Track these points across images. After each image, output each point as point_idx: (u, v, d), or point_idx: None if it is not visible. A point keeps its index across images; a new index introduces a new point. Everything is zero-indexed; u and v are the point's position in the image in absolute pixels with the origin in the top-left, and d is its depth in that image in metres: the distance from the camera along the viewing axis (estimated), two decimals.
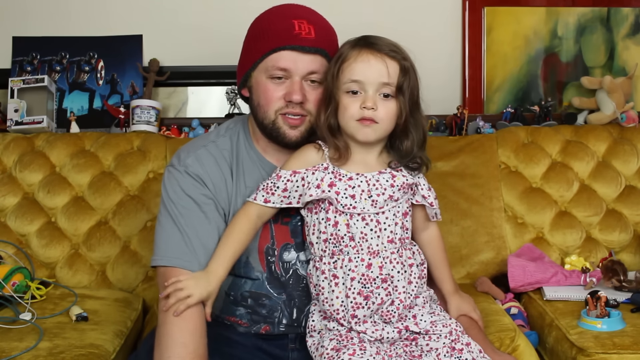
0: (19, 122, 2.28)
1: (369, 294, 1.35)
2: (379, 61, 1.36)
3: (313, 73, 1.43)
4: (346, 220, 1.36)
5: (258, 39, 1.46)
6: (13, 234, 2.11)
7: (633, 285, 1.92)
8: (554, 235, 2.20)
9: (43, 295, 1.92)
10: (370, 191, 1.37)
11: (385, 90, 1.36)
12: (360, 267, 1.36)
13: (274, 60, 1.42)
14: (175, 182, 1.45)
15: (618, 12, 2.54)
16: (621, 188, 2.27)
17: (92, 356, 1.57)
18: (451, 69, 2.55)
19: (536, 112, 2.44)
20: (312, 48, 1.42)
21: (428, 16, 2.53)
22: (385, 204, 1.38)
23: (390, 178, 1.40)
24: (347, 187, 1.37)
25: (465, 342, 1.37)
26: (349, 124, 1.37)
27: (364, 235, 1.37)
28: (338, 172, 1.39)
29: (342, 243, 1.37)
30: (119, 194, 2.16)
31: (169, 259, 1.39)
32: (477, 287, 2.02)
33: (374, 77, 1.35)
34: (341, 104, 1.37)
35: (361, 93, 1.36)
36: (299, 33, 1.42)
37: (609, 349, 1.62)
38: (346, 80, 1.36)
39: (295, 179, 1.39)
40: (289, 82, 1.43)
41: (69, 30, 2.46)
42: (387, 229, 1.38)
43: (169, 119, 2.45)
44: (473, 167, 2.23)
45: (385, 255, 1.37)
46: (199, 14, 2.49)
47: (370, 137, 1.38)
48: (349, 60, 1.37)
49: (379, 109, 1.35)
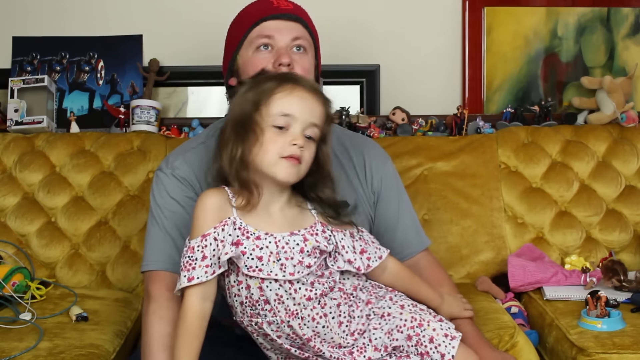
0: (19, 122, 2.28)
1: (302, 345, 1.29)
2: (313, 100, 1.27)
3: (297, 39, 1.49)
4: (257, 283, 1.23)
5: (239, 22, 1.54)
6: (13, 234, 2.11)
7: (633, 285, 1.92)
8: (554, 235, 2.20)
9: (43, 295, 1.92)
10: (279, 254, 1.23)
11: (312, 132, 1.26)
12: (283, 328, 1.26)
13: (258, 32, 1.48)
14: (162, 186, 1.47)
15: (618, 12, 2.54)
16: (621, 188, 2.27)
17: (92, 356, 1.57)
18: (451, 69, 2.55)
19: (536, 112, 2.44)
20: (293, 15, 1.50)
21: (428, 16, 2.53)
22: (295, 270, 1.23)
23: (302, 241, 1.25)
24: (255, 247, 1.23)
25: (428, 340, 1.29)
26: (271, 160, 1.23)
27: (279, 297, 1.24)
28: (246, 229, 1.24)
29: (258, 306, 1.25)
30: (119, 194, 2.16)
31: (155, 263, 1.41)
32: (477, 287, 2.02)
33: (307, 114, 1.25)
34: (265, 137, 1.24)
35: (287, 130, 1.24)
36: (278, 5, 1.51)
37: (609, 349, 1.61)
38: (275, 112, 1.24)
39: (209, 243, 1.22)
40: (275, 50, 1.47)
41: (69, 30, 2.46)
42: (302, 288, 1.25)
43: (169, 119, 2.45)
44: (473, 167, 2.23)
45: (304, 315, 1.26)
46: (199, 14, 2.49)
47: (293, 179, 1.25)
48: (281, 92, 1.25)
49: (306, 150, 1.25)
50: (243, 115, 1.26)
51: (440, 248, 2.12)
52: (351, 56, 2.48)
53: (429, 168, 2.23)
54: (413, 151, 2.24)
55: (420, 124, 2.40)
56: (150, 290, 1.41)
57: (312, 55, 1.55)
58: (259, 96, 1.26)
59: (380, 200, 1.61)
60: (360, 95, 2.52)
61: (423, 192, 2.19)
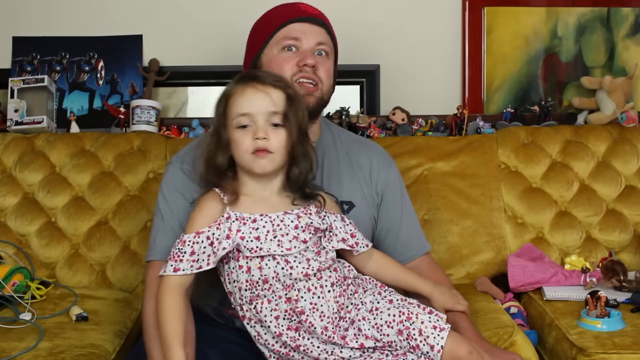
0: (19, 122, 2.28)
1: (298, 325, 1.33)
2: (263, 92, 1.35)
3: (321, 44, 1.55)
4: (258, 263, 1.32)
5: (265, 22, 1.59)
6: (13, 234, 2.11)
7: (633, 285, 1.92)
8: (554, 235, 2.20)
9: (43, 295, 1.92)
10: (275, 231, 1.33)
11: (274, 119, 1.35)
12: (281, 305, 1.32)
13: (285, 33, 1.54)
14: (170, 179, 1.54)
15: (618, 12, 2.54)
16: (621, 188, 2.27)
17: (92, 356, 1.57)
18: (451, 69, 2.55)
19: (536, 112, 2.44)
20: (319, 20, 1.56)
21: (428, 16, 2.53)
22: (291, 245, 1.33)
23: (296, 219, 1.35)
24: (252, 229, 1.33)
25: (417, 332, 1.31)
26: (244, 157, 1.34)
27: (276, 275, 1.32)
28: (241, 217, 1.34)
29: (258, 287, 1.33)
30: (119, 194, 2.16)
31: (155, 254, 1.48)
32: (476, 287, 2.02)
33: (261, 107, 1.34)
34: (233, 139, 1.35)
35: (251, 126, 1.34)
36: (306, 10, 1.58)
37: (609, 349, 1.61)
38: (235, 115, 1.35)
39: (200, 240, 1.33)
40: (301, 52, 1.53)
41: (69, 30, 2.46)
42: (300, 265, 1.33)
43: (169, 119, 2.45)
44: (473, 167, 2.23)
45: (300, 286, 1.33)
46: (199, 14, 2.49)
47: (268, 168, 1.35)
48: (235, 95, 1.36)
49: (271, 139, 1.34)
50: (216, 125, 1.39)
51: (440, 248, 2.13)
52: (351, 56, 2.48)
53: (429, 168, 2.23)
54: (413, 151, 2.24)
55: (420, 124, 2.40)
56: (146, 278, 1.48)
57: (333, 61, 1.60)
58: (220, 104, 1.38)
59: (384, 203, 1.65)
60: (360, 95, 2.52)
61: (423, 192, 2.19)
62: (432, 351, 1.28)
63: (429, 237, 2.07)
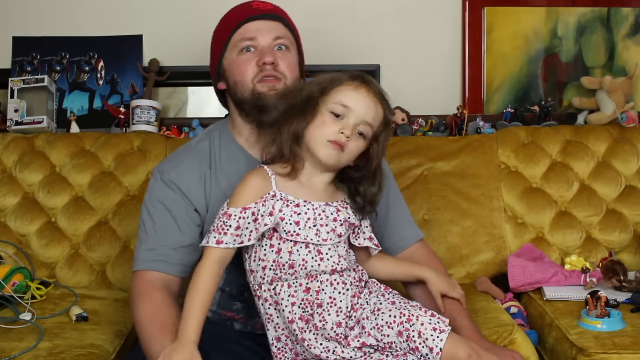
0: (19, 122, 2.28)
1: (309, 317, 1.34)
2: (373, 101, 1.38)
3: (279, 38, 1.53)
4: (289, 247, 1.34)
5: (221, 27, 1.58)
6: (13, 234, 2.12)
7: (633, 285, 1.92)
8: (554, 235, 2.20)
9: (43, 295, 1.92)
10: (315, 220, 1.35)
11: (364, 129, 1.37)
12: (299, 292, 1.34)
13: (241, 34, 1.52)
14: (151, 190, 1.53)
15: (618, 12, 2.54)
16: (621, 188, 2.27)
17: (92, 356, 1.57)
18: (451, 69, 2.55)
19: (536, 112, 2.44)
20: (272, 14, 1.54)
21: (428, 16, 2.53)
22: (328, 236, 1.36)
23: (335, 212, 1.38)
24: (293, 213, 1.34)
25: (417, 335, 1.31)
26: (319, 140, 1.35)
27: (304, 263, 1.34)
28: (286, 199, 1.35)
29: (282, 270, 1.34)
30: (119, 194, 2.16)
31: (137, 264, 1.48)
32: (476, 287, 2.02)
33: (363, 111, 1.36)
34: (320, 118, 1.36)
35: (343, 119, 1.35)
36: (257, 7, 1.56)
37: (609, 349, 1.61)
38: (336, 101, 1.36)
39: (246, 215, 1.33)
40: (259, 50, 1.51)
41: (69, 30, 2.46)
42: (330, 259, 1.36)
43: (169, 119, 2.45)
44: (473, 167, 2.23)
45: (322, 279, 1.35)
46: (199, 14, 2.49)
47: (331, 161, 1.36)
48: (347, 86, 1.37)
49: (352, 142, 1.36)
50: (310, 96, 1.38)
51: (440, 248, 2.13)
52: (351, 56, 2.48)
53: (429, 168, 2.23)
54: (413, 151, 2.24)
55: (420, 124, 2.40)
56: (131, 287, 1.47)
57: (295, 52, 1.58)
58: (328, 83, 1.38)
59: None
60: None
61: (423, 192, 2.19)
62: (431, 353, 1.28)
63: (429, 237, 2.09)
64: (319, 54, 2.38)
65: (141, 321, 1.39)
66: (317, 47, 2.22)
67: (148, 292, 1.42)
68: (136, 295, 1.43)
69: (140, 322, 1.39)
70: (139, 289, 1.44)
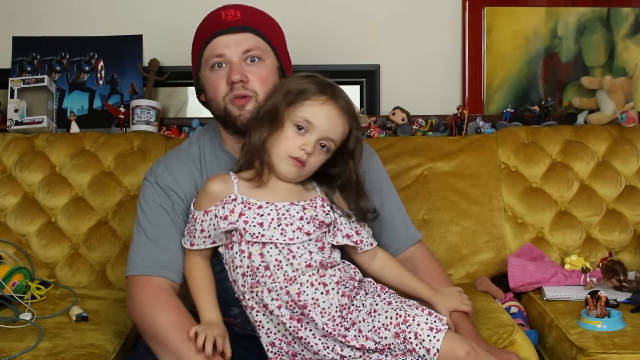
0: (19, 122, 2.28)
1: (300, 317, 1.34)
2: (338, 119, 1.38)
3: (249, 51, 1.49)
4: (259, 250, 1.35)
5: (195, 42, 1.57)
6: (13, 234, 2.12)
7: (633, 285, 1.92)
8: (554, 235, 2.20)
9: (43, 295, 1.92)
10: (279, 219, 1.36)
11: (327, 143, 1.38)
12: (282, 295, 1.34)
13: (210, 51, 1.50)
14: (147, 194, 1.53)
15: (618, 12, 2.54)
16: (621, 188, 2.27)
17: (92, 356, 1.57)
18: (451, 69, 2.55)
19: (536, 112, 2.44)
20: (239, 27, 1.49)
21: (428, 16, 2.53)
22: (294, 235, 1.35)
23: (301, 210, 1.38)
24: (256, 215, 1.36)
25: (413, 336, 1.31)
26: (281, 154, 1.37)
27: (279, 263, 1.35)
28: (247, 202, 1.37)
29: (258, 274, 1.35)
30: (119, 194, 2.16)
31: (138, 269, 1.46)
32: (477, 287, 2.02)
33: (327, 129, 1.37)
34: (284, 131, 1.37)
35: (306, 134, 1.36)
36: (225, 19, 1.51)
37: (609, 349, 1.61)
38: (301, 116, 1.36)
39: (209, 218, 1.38)
40: (228, 67, 1.48)
41: (69, 30, 2.46)
42: (302, 256, 1.35)
43: (169, 119, 2.45)
44: (473, 167, 2.23)
45: (302, 280, 1.34)
46: (199, 14, 2.47)
47: (291, 176, 1.39)
48: (313, 101, 1.37)
49: (313, 157, 1.37)
50: (275, 106, 1.38)
51: (440, 248, 2.13)
52: (351, 56, 2.48)
53: (429, 168, 2.23)
54: (413, 151, 2.24)
55: (420, 124, 2.40)
56: (136, 293, 1.44)
57: (272, 60, 1.53)
58: (295, 96, 1.37)
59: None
60: (360, 95, 2.51)
61: (423, 192, 2.19)
62: (428, 354, 1.28)
63: (429, 237, 2.09)
64: (319, 54, 2.39)
65: (164, 327, 1.36)
66: (318, 47, 2.22)
67: (166, 299, 1.40)
68: (149, 301, 1.41)
69: (164, 328, 1.36)
70: (152, 295, 1.41)
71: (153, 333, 1.38)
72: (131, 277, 1.47)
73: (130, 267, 1.48)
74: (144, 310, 1.40)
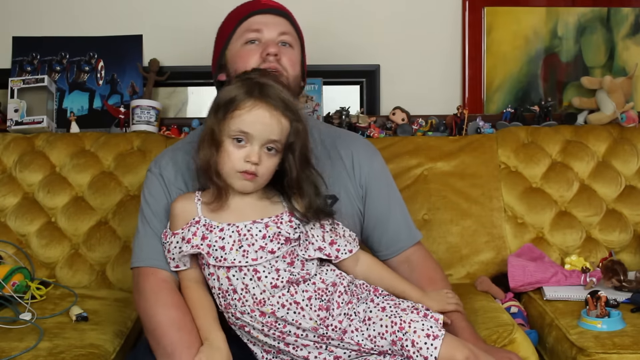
0: (19, 122, 2.28)
1: (280, 334, 1.33)
2: (272, 119, 1.32)
3: (284, 34, 1.54)
4: (225, 273, 1.33)
5: (228, 19, 1.60)
6: (13, 234, 2.11)
7: (633, 285, 1.92)
8: (554, 235, 2.20)
9: (43, 295, 1.92)
10: (240, 241, 1.33)
11: (273, 145, 1.33)
12: (255, 317, 1.33)
13: (247, 26, 1.54)
14: (151, 185, 1.53)
15: (618, 12, 2.54)
16: (621, 188, 2.27)
17: (92, 356, 1.57)
18: (451, 69, 2.55)
19: (536, 112, 2.44)
20: (279, 11, 1.57)
21: (428, 16, 2.53)
22: (257, 255, 1.32)
23: (264, 228, 1.34)
24: (218, 238, 1.33)
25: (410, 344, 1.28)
26: (228, 172, 1.33)
27: (245, 286, 1.32)
28: (210, 225, 1.35)
29: (228, 297, 1.34)
30: (119, 194, 2.16)
31: (145, 260, 1.45)
32: (477, 287, 2.02)
33: (265, 133, 1.32)
34: (224, 149, 1.33)
35: (247, 145, 1.32)
36: (266, 2, 1.59)
37: (609, 349, 1.61)
38: (235, 128, 1.31)
39: (175, 240, 1.38)
40: (263, 43, 1.52)
41: (69, 30, 2.46)
42: (268, 277, 1.32)
43: (169, 119, 2.45)
44: (473, 167, 2.23)
45: (272, 302, 1.32)
46: (199, 14, 2.49)
47: (248, 189, 1.35)
48: (242, 109, 1.31)
49: (263, 164, 1.33)
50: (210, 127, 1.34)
51: (440, 248, 2.13)
52: (351, 56, 2.48)
53: (429, 168, 2.23)
54: (413, 151, 2.24)
55: (420, 124, 2.40)
56: (142, 285, 1.44)
57: (298, 51, 1.59)
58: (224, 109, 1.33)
59: (369, 194, 1.60)
60: (360, 95, 2.52)
61: (423, 192, 2.19)
62: None
63: (429, 237, 2.09)
64: (319, 54, 2.39)
65: (164, 324, 1.36)
66: (318, 47, 2.22)
67: (169, 294, 1.40)
68: (153, 294, 1.41)
69: (163, 325, 1.36)
70: (156, 288, 1.41)
71: (152, 327, 1.38)
72: (136, 269, 1.47)
73: (136, 258, 1.48)
74: (147, 303, 1.41)
